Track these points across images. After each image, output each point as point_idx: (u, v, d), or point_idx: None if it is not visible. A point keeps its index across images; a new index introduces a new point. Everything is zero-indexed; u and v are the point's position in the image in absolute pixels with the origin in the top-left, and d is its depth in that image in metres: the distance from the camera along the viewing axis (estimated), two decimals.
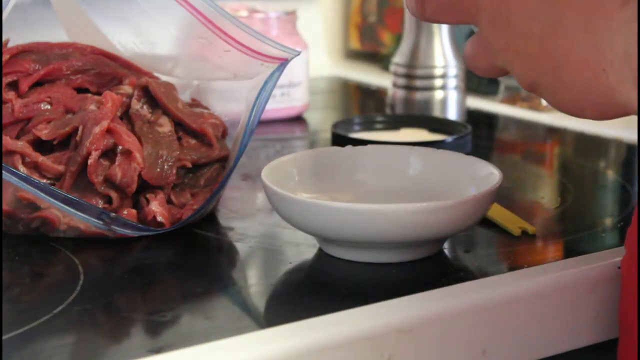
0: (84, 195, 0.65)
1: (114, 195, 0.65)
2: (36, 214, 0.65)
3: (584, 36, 0.45)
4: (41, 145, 0.67)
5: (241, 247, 0.66)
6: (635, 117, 0.47)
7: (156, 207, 0.66)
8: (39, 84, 0.71)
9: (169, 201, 0.68)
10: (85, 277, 0.60)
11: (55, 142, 0.67)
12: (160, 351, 0.49)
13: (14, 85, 0.70)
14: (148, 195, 0.67)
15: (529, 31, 0.47)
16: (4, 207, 0.65)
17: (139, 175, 0.66)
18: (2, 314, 0.53)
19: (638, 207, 0.56)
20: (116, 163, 0.66)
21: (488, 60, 0.51)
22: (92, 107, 0.68)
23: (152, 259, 0.64)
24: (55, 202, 0.63)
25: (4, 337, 0.51)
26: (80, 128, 0.67)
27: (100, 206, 0.65)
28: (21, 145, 0.66)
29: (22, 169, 0.65)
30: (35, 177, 0.65)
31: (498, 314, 0.57)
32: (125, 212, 0.66)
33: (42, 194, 0.63)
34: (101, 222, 0.64)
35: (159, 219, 0.66)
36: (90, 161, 0.65)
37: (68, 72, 0.72)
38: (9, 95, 0.69)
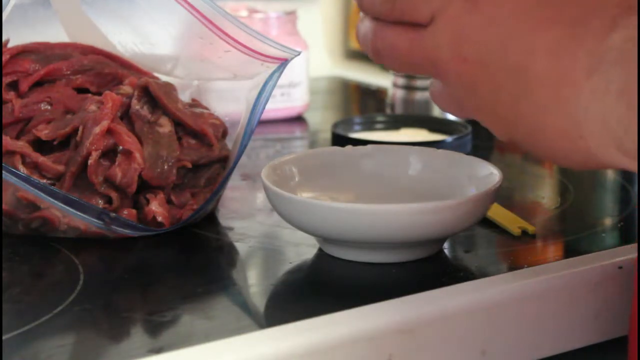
0: (84, 195, 0.65)
1: (114, 195, 0.66)
2: (36, 214, 0.65)
3: (555, 107, 0.44)
4: (41, 145, 0.67)
5: (241, 247, 0.66)
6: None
7: (156, 207, 0.66)
8: (39, 84, 0.71)
9: (169, 201, 0.68)
10: (85, 277, 0.60)
11: (55, 142, 0.67)
12: (160, 351, 0.49)
13: (14, 85, 0.70)
14: (148, 195, 0.67)
15: (498, 100, 0.46)
16: (4, 207, 0.65)
17: (139, 176, 0.66)
18: (2, 314, 0.53)
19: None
20: (116, 163, 0.66)
21: (459, 113, 0.50)
22: (93, 107, 0.68)
23: (152, 259, 0.64)
24: (55, 202, 0.63)
25: (4, 337, 0.51)
26: (80, 128, 0.67)
27: (100, 206, 0.65)
28: (21, 145, 0.66)
29: (22, 169, 0.65)
30: (35, 177, 0.65)
31: (498, 314, 0.57)
32: (125, 212, 0.66)
33: (42, 194, 0.63)
34: (101, 222, 0.64)
35: (159, 219, 0.66)
36: (90, 161, 0.65)
37: (68, 72, 0.72)
38: (9, 95, 0.69)
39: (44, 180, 0.65)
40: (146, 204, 0.66)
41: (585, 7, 0.43)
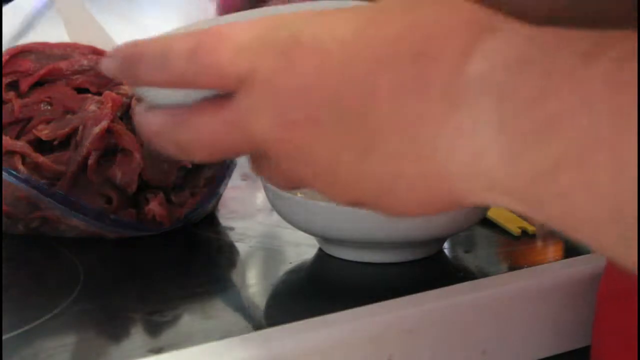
0: (84, 195, 0.65)
1: (114, 195, 0.65)
2: (36, 214, 0.65)
3: (412, 152, 0.38)
4: (41, 145, 0.67)
5: (241, 247, 0.66)
6: None
7: (156, 207, 0.66)
8: (39, 84, 0.71)
9: (169, 201, 0.68)
10: (85, 277, 0.60)
11: (55, 142, 0.67)
12: (160, 351, 0.49)
13: (14, 85, 0.70)
14: (148, 195, 0.67)
15: (339, 161, 0.39)
16: (4, 207, 0.65)
17: (139, 176, 0.66)
18: (2, 314, 0.53)
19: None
20: (116, 163, 0.66)
21: (294, 186, 0.44)
22: (92, 107, 0.68)
23: (152, 259, 0.64)
24: (55, 202, 0.63)
25: (4, 337, 0.51)
26: (80, 128, 0.67)
27: (100, 206, 0.65)
28: (21, 145, 0.66)
29: (22, 169, 0.65)
30: (35, 177, 0.65)
31: (498, 314, 0.57)
32: (125, 212, 0.66)
33: (42, 194, 0.63)
34: (101, 222, 0.64)
35: (159, 218, 0.66)
36: (90, 161, 0.65)
37: (68, 72, 0.72)
38: (9, 95, 0.69)
39: (44, 180, 0.65)
40: (146, 204, 0.66)
41: (426, 37, 0.38)
